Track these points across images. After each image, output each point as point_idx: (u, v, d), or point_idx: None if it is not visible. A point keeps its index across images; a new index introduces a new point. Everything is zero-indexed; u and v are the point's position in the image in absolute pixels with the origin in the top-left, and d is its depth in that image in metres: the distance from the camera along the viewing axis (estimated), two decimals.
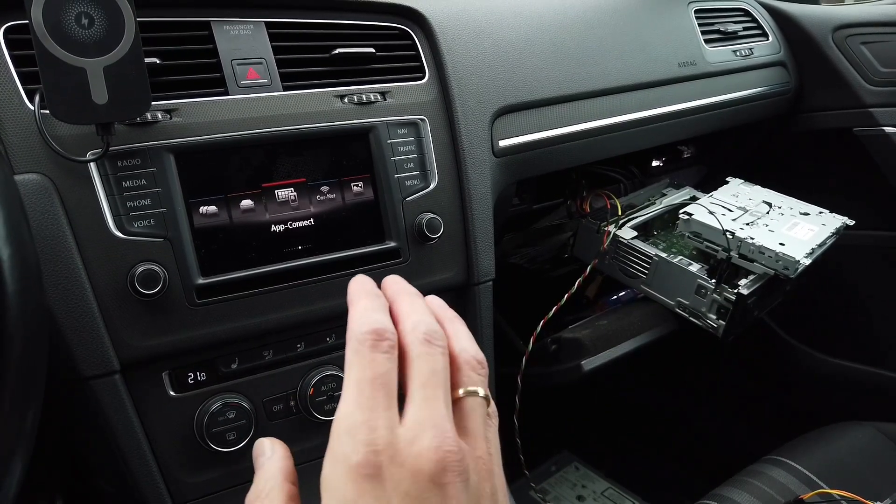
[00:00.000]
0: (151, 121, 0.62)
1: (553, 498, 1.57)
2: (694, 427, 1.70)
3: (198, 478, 0.69)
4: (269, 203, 0.68)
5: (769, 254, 0.94)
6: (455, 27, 0.84)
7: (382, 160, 0.74)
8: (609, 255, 1.09)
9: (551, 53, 0.93)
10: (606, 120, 0.98)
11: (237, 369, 0.70)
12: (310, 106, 0.71)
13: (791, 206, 1.08)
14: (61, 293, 0.58)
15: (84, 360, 0.60)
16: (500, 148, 0.85)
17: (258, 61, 0.71)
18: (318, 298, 0.71)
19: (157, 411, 0.66)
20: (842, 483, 0.93)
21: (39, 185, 0.58)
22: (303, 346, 0.74)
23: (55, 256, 0.58)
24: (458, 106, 0.80)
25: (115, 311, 0.61)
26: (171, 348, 0.64)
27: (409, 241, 0.75)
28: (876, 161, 1.25)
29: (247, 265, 0.67)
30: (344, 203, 0.72)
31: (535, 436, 1.16)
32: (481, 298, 0.83)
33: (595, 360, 1.07)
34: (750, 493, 0.93)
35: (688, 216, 1.01)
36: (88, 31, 0.55)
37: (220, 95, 0.68)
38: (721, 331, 0.98)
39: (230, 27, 0.70)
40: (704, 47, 1.16)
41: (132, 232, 0.61)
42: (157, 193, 0.62)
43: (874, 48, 1.24)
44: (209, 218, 0.65)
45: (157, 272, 0.60)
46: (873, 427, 1.06)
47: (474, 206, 0.80)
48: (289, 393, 0.73)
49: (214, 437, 0.67)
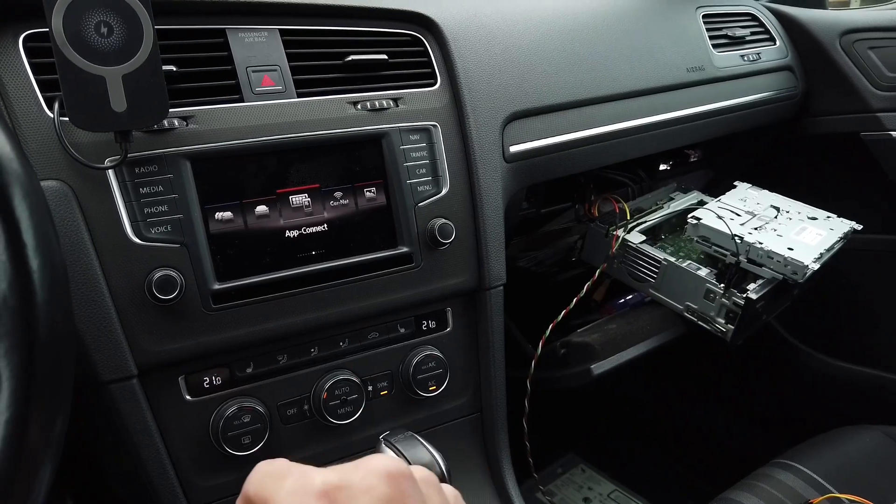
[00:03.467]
0: (168, 128, 0.63)
1: (559, 500, 1.57)
2: (701, 430, 1.70)
3: (213, 481, 0.70)
4: (283, 209, 0.68)
5: (778, 258, 0.94)
6: (466, 34, 0.85)
7: (395, 166, 0.74)
8: (617, 258, 1.09)
9: (561, 59, 0.94)
10: (615, 125, 0.99)
11: (252, 373, 0.71)
12: (323, 112, 0.72)
13: (799, 210, 1.08)
14: (80, 299, 0.59)
15: (102, 365, 0.61)
16: (511, 153, 0.86)
17: (273, 68, 0.71)
18: (332, 303, 0.72)
19: (173, 415, 0.67)
20: (851, 487, 0.93)
21: (59, 191, 0.59)
22: (317, 351, 0.74)
23: (74, 262, 0.59)
24: (469, 112, 0.81)
25: (132, 316, 0.62)
26: (188, 353, 0.65)
27: (421, 247, 0.76)
28: (883, 165, 1.25)
29: (262, 270, 0.68)
30: (357, 208, 0.73)
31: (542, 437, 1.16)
32: (492, 303, 0.84)
33: (604, 365, 1.08)
34: (758, 496, 0.94)
35: (696, 221, 1.01)
36: (108, 39, 0.56)
37: (236, 102, 0.68)
38: (729, 335, 0.98)
39: (245, 34, 0.71)
40: (712, 52, 1.16)
41: (149, 238, 0.62)
42: (174, 200, 0.63)
43: (882, 53, 1.24)
44: (225, 224, 0.65)
45: (174, 278, 0.61)
46: (881, 431, 1.07)
47: (485, 211, 0.81)
48: (303, 397, 0.74)
49: (230, 441, 0.68)
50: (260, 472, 0.34)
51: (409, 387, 0.79)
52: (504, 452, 0.88)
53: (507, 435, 0.89)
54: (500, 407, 0.87)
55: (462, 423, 0.87)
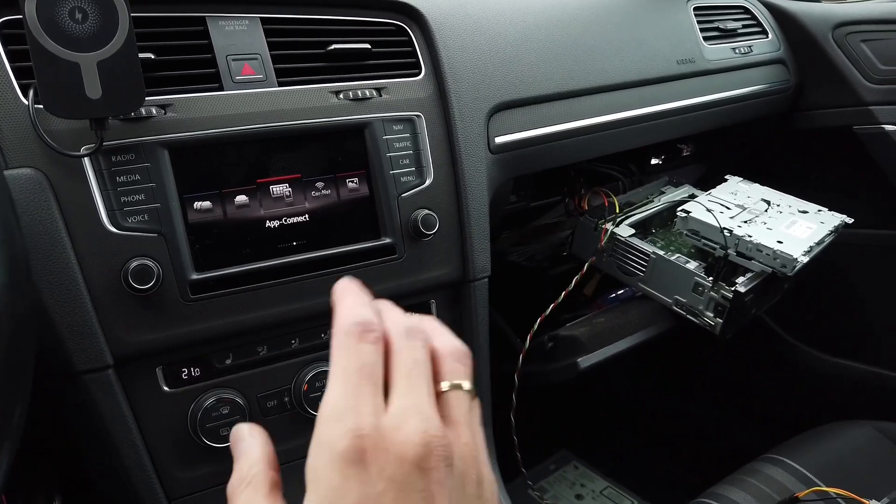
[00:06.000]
0: (146, 116, 0.62)
1: (551, 496, 1.57)
2: (692, 425, 1.70)
3: (191, 473, 0.69)
4: (263, 199, 0.68)
5: (767, 251, 0.94)
6: (451, 23, 0.84)
7: (378, 156, 0.74)
8: (607, 252, 1.09)
9: (548, 50, 0.93)
10: (604, 117, 0.98)
11: (231, 365, 0.70)
12: (305, 102, 0.71)
13: (790, 203, 1.08)
14: (54, 288, 0.58)
15: (77, 355, 0.60)
16: (497, 144, 0.85)
17: (253, 57, 0.70)
18: (313, 294, 0.71)
19: (150, 406, 0.66)
20: (839, 481, 0.92)
21: (33, 179, 0.58)
22: (297, 342, 0.74)
23: (49, 251, 0.58)
24: (453, 102, 0.80)
25: (108, 305, 0.61)
26: (165, 343, 0.64)
27: (404, 238, 0.75)
28: (875, 159, 1.24)
29: (241, 261, 0.67)
30: (339, 199, 0.72)
31: (535, 434, 1.16)
32: (477, 295, 0.83)
33: (591, 358, 1.07)
34: (747, 491, 0.93)
35: (685, 214, 1.00)
36: (82, 25, 0.55)
37: (215, 91, 0.68)
38: (718, 328, 0.98)
39: (225, 22, 0.70)
40: (703, 45, 1.15)
41: (126, 227, 0.61)
42: (151, 189, 0.62)
43: (874, 46, 1.23)
44: (203, 213, 0.65)
45: (151, 267, 0.60)
46: (871, 426, 1.06)
47: (470, 202, 0.80)
48: (283, 389, 0.73)
49: (208, 433, 0.67)
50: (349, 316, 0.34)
51: None
52: (489, 447, 0.88)
53: (491, 429, 0.88)
54: (485, 400, 0.87)
55: None
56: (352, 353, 0.33)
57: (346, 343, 0.33)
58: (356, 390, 0.32)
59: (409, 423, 0.31)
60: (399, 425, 0.31)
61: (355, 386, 0.32)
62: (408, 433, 0.31)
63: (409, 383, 0.33)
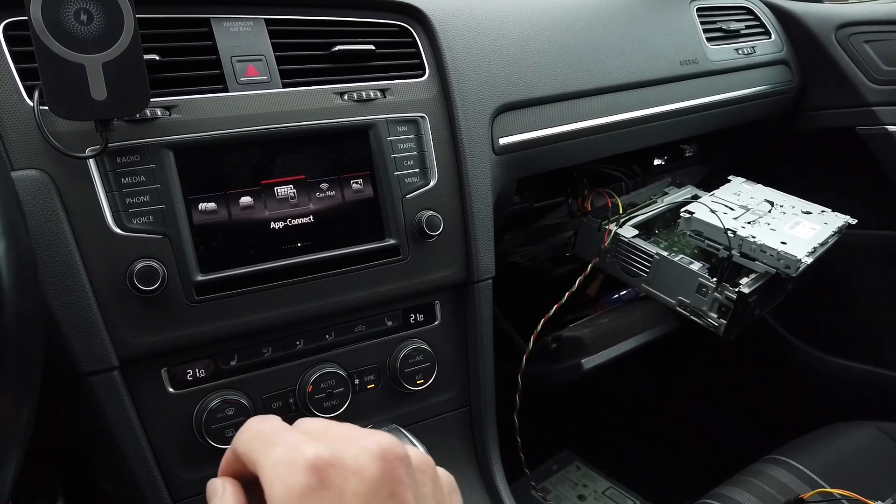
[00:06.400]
0: (150, 117, 0.63)
1: (554, 497, 1.57)
2: (695, 426, 1.70)
3: (196, 474, 0.69)
4: (268, 200, 0.68)
5: (771, 252, 0.93)
6: (455, 24, 0.84)
7: (382, 157, 0.74)
8: (610, 253, 1.09)
9: (552, 51, 0.93)
10: (607, 118, 0.98)
11: (236, 366, 0.70)
12: (309, 103, 0.71)
13: (793, 204, 1.08)
14: (60, 289, 0.58)
15: (82, 357, 0.60)
16: (501, 145, 0.85)
17: (258, 58, 0.70)
18: (318, 295, 0.71)
19: (155, 408, 0.66)
20: (843, 482, 0.92)
21: (38, 181, 0.58)
22: (302, 343, 0.74)
23: (54, 253, 0.58)
24: (458, 103, 0.80)
25: (113, 307, 0.61)
26: (170, 345, 0.64)
27: (408, 239, 0.75)
28: (879, 160, 1.24)
29: (246, 262, 0.67)
30: (343, 200, 0.72)
31: (537, 435, 1.15)
32: (481, 296, 0.83)
33: (595, 359, 1.07)
34: (751, 492, 0.93)
35: (689, 214, 1.00)
36: (87, 27, 0.55)
37: (220, 92, 0.68)
38: (722, 329, 0.98)
39: (230, 24, 0.70)
40: (706, 45, 1.15)
41: (131, 228, 0.61)
42: (157, 190, 0.62)
43: (878, 46, 1.23)
44: (208, 215, 0.65)
45: (156, 269, 0.60)
46: (875, 426, 1.06)
47: (474, 203, 0.80)
48: (288, 390, 0.73)
49: (213, 434, 0.67)
50: (252, 430, 0.34)
51: (396, 380, 0.78)
52: (493, 448, 0.88)
53: (495, 430, 0.88)
54: (489, 401, 0.87)
55: (450, 417, 0.86)
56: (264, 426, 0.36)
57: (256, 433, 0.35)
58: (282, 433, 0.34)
59: (359, 440, 0.33)
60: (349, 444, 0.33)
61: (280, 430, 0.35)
62: (361, 447, 0.32)
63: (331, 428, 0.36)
